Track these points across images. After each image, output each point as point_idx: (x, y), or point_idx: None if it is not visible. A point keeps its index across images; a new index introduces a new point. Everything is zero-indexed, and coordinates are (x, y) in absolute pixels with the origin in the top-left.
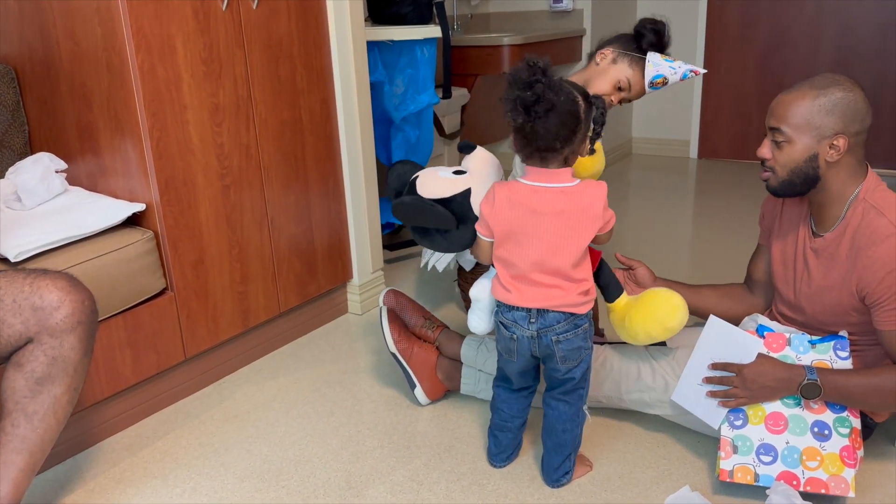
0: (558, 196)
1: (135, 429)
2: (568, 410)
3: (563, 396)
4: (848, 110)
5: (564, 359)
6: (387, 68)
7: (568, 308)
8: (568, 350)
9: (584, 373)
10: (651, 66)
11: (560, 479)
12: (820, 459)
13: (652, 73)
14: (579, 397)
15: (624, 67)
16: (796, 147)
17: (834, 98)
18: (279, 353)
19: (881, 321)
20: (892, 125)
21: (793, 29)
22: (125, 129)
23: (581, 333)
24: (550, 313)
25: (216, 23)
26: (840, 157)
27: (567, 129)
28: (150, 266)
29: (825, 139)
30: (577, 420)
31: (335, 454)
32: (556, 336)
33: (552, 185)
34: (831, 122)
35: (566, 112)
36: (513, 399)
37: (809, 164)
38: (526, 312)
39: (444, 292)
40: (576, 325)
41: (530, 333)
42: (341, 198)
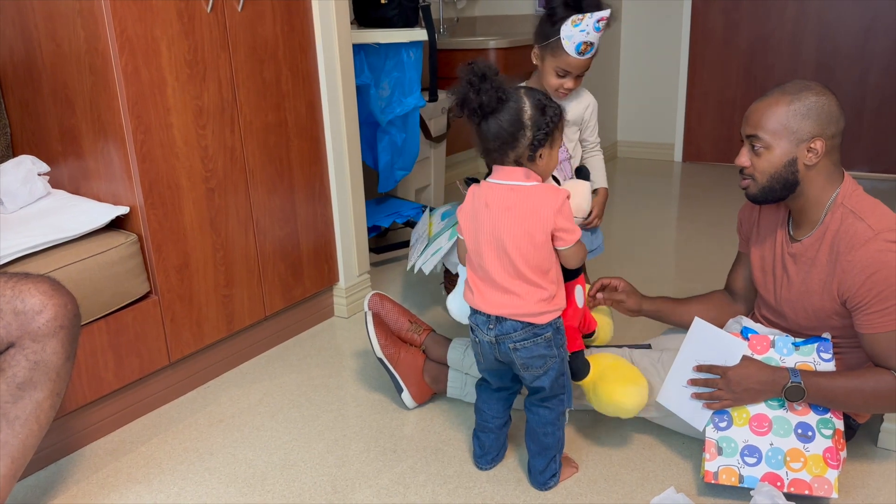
0: (507, 192)
1: (118, 434)
2: (549, 415)
3: (543, 402)
4: (822, 113)
5: (525, 366)
6: (373, 71)
7: (524, 318)
8: (528, 358)
9: (555, 381)
10: (566, 42)
11: (547, 482)
12: (804, 461)
13: (571, 47)
14: (560, 402)
15: (550, 58)
16: (775, 153)
17: (808, 102)
18: (265, 356)
19: (862, 325)
20: (873, 128)
21: (775, 33)
22: (108, 132)
23: (542, 342)
24: (508, 321)
25: (201, 25)
26: (818, 160)
27: (507, 133)
28: (133, 270)
29: (803, 143)
30: (558, 423)
31: (321, 458)
32: (514, 343)
33: (503, 181)
34: (807, 125)
35: (507, 119)
36: (493, 399)
37: (788, 169)
38: (486, 318)
39: (431, 295)
40: (535, 334)
41: (489, 339)
42: (327, 201)
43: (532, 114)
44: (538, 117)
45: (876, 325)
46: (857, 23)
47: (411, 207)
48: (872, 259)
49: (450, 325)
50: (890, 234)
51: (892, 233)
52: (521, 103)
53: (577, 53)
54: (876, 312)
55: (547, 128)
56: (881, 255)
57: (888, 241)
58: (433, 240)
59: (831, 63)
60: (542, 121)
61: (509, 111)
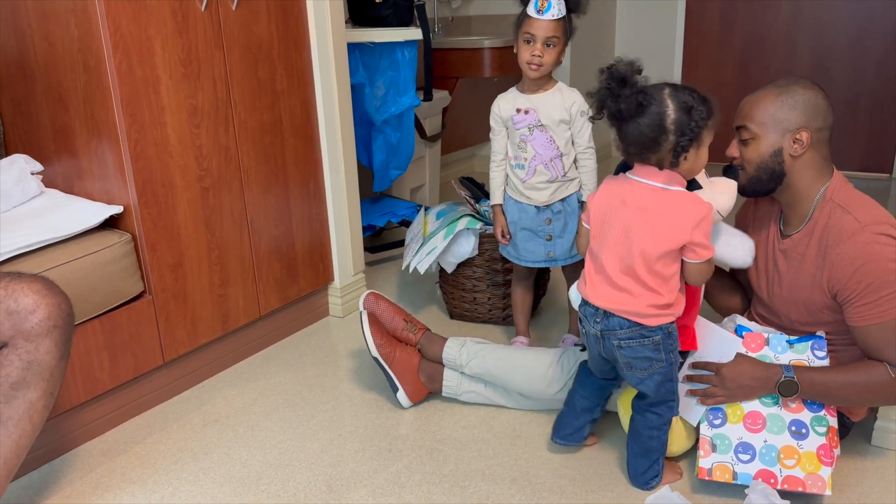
0: (647, 192)
1: (112, 434)
2: (656, 420)
3: (651, 408)
4: (809, 107)
5: (629, 366)
6: (367, 70)
7: (631, 316)
8: (632, 358)
9: (659, 386)
10: (529, 9)
11: (649, 483)
12: (797, 458)
13: (531, 8)
14: (669, 409)
15: (519, 32)
16: (762, 143)
17: (796, 96)
18: (259, 356)
19: (853, 317)
20: (867, 128)
21: (770, 33)
22: (102, 131)
23: (649, 344)
24: (614, 318)
25: (195, 24)
26: (804, 151)
27: (647, 139)
28: (127, 269)
29: (789, 133)
30: (664, 428)
31: (316, 458)
32: (618, 341)
33: (645, 181)
34: (794, 117)
35: (647, 124)
36: (588, 381)
37: (775, 160)
38: (594, 311)
39: (427, 294)
40: (643, 336)
41: (595, 332)
42: (322, 200)
43: (675, 117)
44: (683, 120)
45: (866, 318)
46: (851, 23)
47: (406, 207)
48: (860, 251)
49: (445, 324)
50: (877, 227)
51: (879, 225)
52: (663, 107)
53: (536, 11)
54: (866, 304)
55: (692, 132)
56: (869, 247)
57: (875, 234)
58: (428, 239)
59: (826, 63)
60: (687, 124)
61: (650, 116)
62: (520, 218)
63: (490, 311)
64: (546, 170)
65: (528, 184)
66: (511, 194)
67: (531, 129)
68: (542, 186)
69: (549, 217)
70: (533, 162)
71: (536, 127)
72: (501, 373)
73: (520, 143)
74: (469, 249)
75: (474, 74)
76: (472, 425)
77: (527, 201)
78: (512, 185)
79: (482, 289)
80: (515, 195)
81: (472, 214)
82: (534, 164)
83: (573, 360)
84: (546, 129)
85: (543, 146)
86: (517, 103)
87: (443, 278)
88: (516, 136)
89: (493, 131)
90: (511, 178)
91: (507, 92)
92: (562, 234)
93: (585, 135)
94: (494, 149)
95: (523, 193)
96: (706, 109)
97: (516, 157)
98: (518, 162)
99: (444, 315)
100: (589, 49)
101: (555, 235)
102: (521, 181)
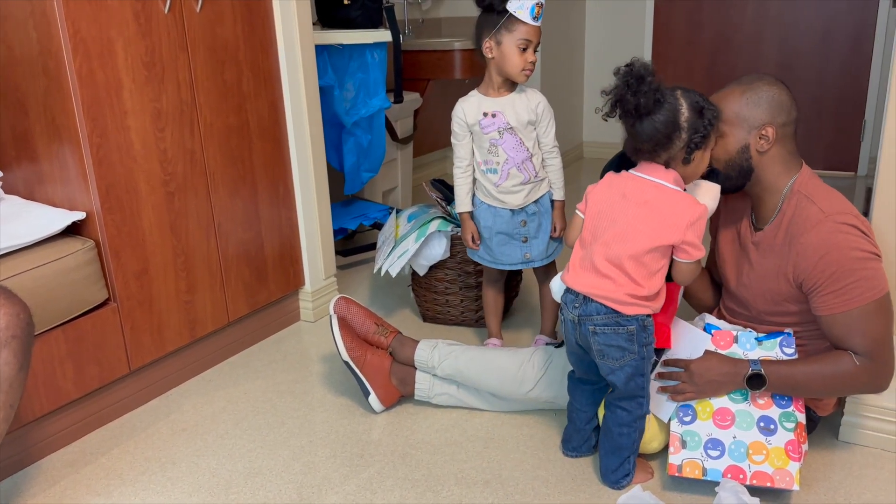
0: (649, 188)
1: (77, 445)
2: (625, 417)
3: (619, 402)
4: (773, 103)
5: (602, 354)
6: (337, 72)
7: (609, 303)
8: (605, 345)
9: (629, 379)
10: (520, 13)
11: (619, 482)
12: (766, 453)
13: (526, 14)
14: (638, 405)
15: (508, 38)
16: (729, 140)
17: (760, 92)
18: (229, 363)
19: (819, 307)
20: (832, 126)
21: (737, 32)
22: (63, 136)
23: (623, 333)
24: (593, 303)
25: (158, 26)
26: (770, 146)
27: (662, 135)
28: (91, 276)
29: (754, 130)
30: (634, 426)
31: (286, 465)
32: (594, 326)
33: (648, 177)
34: (759, 113)
35: (662, 121)
36: (578, 391)
37: (742, 156)
38: (574, 296)
39: (399, 297)
40: (618, 324)
41: (572, 317)
42: (292, 203)
43: (689, 116)
44: (695, 119)
45: (831, 307)
46: (815, 24)
47: (378, 210)
48: (823, 241)
49: (417, 326)
50: (840, 216)
51: (841, 215)
52: (677, 105)
53: (532, 18)
54: (830, 293)
55: (705, 130)
56: (832, 237)
57: (838, 223)
58: (399, 242)
59: (791, 62)
60: (699, 123)
61: (665, 113)
62: (494, 223)
63: (462, 314)
64: (519, 172)
65: (503, 188)
66: (483, 199)
67: (500, 132)
68: (516, 189)
69: (523, 219)
70: (506, 166)
71: (506, 130)
72: (474, 373)
73: (490, 147)
74: (441, 252)
75: (445, 76)
76: (444, 428)
77: (501, 205)
78: (484, 190)
79: (454, 291)
80: (488, 200)
81: (444, 217)
82: (506, 168)
83: (545, 358)
84: (515, 131)
85: (514, 149)
86: (483, 107)
87: (415, 281)
88: (485, 141)
89: (455, 136)
90: (482, 183)
91: (468, 96)
92: (536, 234)
93: (551, 134)
94: (459, 154)
95: (497, 198)
96: (714, 112)
97: (487, 162)
98: (490, 167)
99: (417, 318)
100: (560, 50)
101: (530, 237)
102: (495, 185)
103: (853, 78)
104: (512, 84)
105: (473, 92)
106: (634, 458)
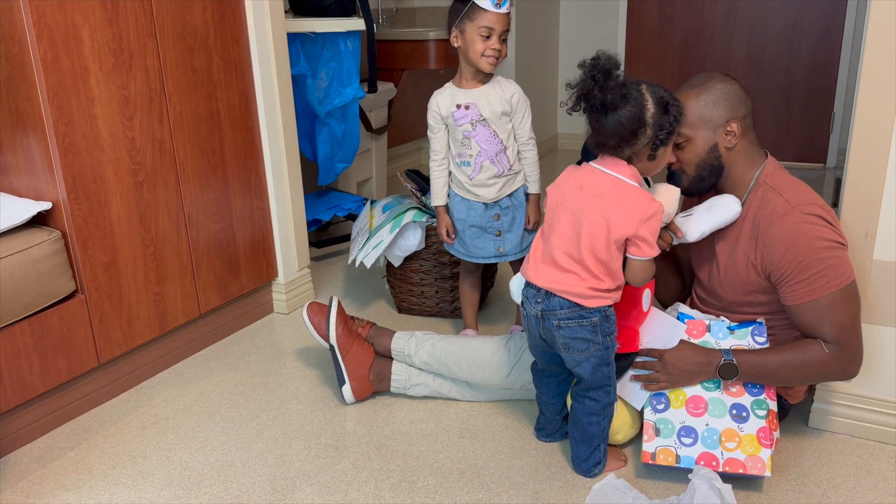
0: (607, 181)
1: (45, 439)
2: (593, 406)
3: (587, 393)
4: (731, 98)
5: (567, 347)
6: (309, 61)
7: (571, 297)
8: (570, 339)
9: (595, 369)
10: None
11: (591, 470)
12: (738, 440)
13: (486, 2)
14: (605, 394)
15: (469, 26)
16: (697, 143)
17: (715, 90)
18: (200, 355)
19: (787, 297)
20: (800, 119)
21: (708, 28)
22: (28, 124)
23: (587, 325)
24: (555, 298)
25: (125, 12)
26: (737, 141)
27: (627, 131)
28: (57, 268)
29: (720, 128)
30: (603, 413)
31: (260, 458)
32: (558, 321)
33: (607, 170)
34: (720, 111)
35: (628, 116)
36: (544, 383)
37: (712, 155)
38: (535, 291)
39: (374, 289)
40: (581, 316)
41: (536, 313)
42: (264, 193)
43: (654, 112)
44: (660, 116)
45: (799, 296)
46: (784, 19)
47: (352, 200)
48: (790, 231)
49: (393, 318)
50: (806, 207)
51: (808, 206)
52: (643, 101)
53: (493, 5)
54: (798, 283)
55: (670, 126)
56: (798, 227)
57: (804, 214)
58: (374, 233)
59: (761, 56)
60: (664, 119)
61: (631, 109)
62: (468, 215)
63: (438, 305)
64: (492, 165)
65: (476, 181)
66: (458, 192)
67: (473, 124)
68: (490, 183)
69: (497, 213)
70: (478, 158)
71: (479, 122)
72: (450, 360)
73: (463, 139)
74: (416, 242)
75: (420, 67)
76: (420, 419)
77: (474, 198)
78: (458, 182)
79: (429, 282)
80: (462, 192)
81: (419, 207)
82: (479, 161)
83: (520, 344)
84: (488, 123)
85: (487, 141)
86: (456, 99)
87: (390, 272)
88: (458, 133)
89: (431, 129)
90: (457, 175)
91: (442, 88)
92: (510, 228)
93: (527, 125)
94: (434, 147)
95: (470, 191)
96: (679, 108)
97: (460, 155)
98: (463, 159)
99: (392, 309)
100: (534, 43)
101: (504, 231)
102: (469, 178)
103: (822, 71)
104: (486, 76)
105: (448, 84)
106: (605, 447)
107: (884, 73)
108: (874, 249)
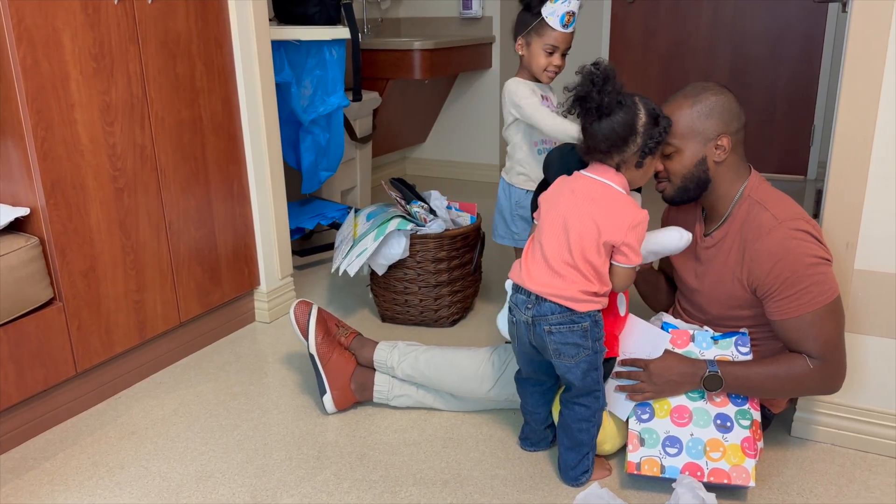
0: (599, 187)
1: (20, 450)
2: (584, 412)
3: (578, 399)
4: (725, 111)
5: (558, 352)
6: (294, 69)
7: (563, 301)
8: (561, 344)
9: (585, 375)
10: (550, 19)
11: (579, 478)
12: (723, 450)
13: (556, 21)
14: (595, 399)
15: (536, 40)
16: (686, 154)
17: (709, 103)
18: (181, 364)
19: (773, 312)
20: (783, 131)
21: (691, 39)
22: (6, 129)
23: (578, 330)
24: (546, 303)
25: (108, 17)
26: (727, 156)
27: (618, 137)
28: (35, 275)
29: (710, 141)
30: (593, 420)
31: (240, 468)
32: (549, 326)
33: (597, 177)
34: (712, 124)
35: (621, 123)
36: (528, 393)
37: (700, 168)
38: (526, 297)
39: (357, 298)
40: (572, 321)
41: (526, 319)
42: (246, 201)
43: (645, 121)
44: (650, 126)
45: (785, 311)
46: (768, 31)
47: (336, 209)
48: (777, 247)
49: (376, 327)
50: (793, 223)
51: (795, 221)
52: (636, 109)
53: (561, 26)
54: (784, 299)
55: (659, 137)
56: (785, 243)
57: (791, 229)
58: (358, 241)
59: (744, 68)
60: (654, 130)
61: (624, 115)
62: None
63: (422, 314)
64: None
65: None
66: (519, 185)
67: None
68: None
69: None
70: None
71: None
72: (433, 373)
73: None
74: (400, 251)
75: (404, 76)
76: (403, 429)
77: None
78: (524, 172)
79: (414, 290)
80: (522, 184)
81: (403, 216)
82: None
83: (504, 357)
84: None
85: None
86: (538, 90)
87: (374, 281)
88: None
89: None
90: (531, 163)
91: (517, 78)
92: None
93: None
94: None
95: (535, 180)
96: (668, 121)
97: (545, 142)
98: (546, 146)
99: (376, 318)
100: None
101: None
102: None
103: (803, 84)
104: None
105: (516, 78)
106: (593, 455)
107: (864, 86)
108: (855, 259)
